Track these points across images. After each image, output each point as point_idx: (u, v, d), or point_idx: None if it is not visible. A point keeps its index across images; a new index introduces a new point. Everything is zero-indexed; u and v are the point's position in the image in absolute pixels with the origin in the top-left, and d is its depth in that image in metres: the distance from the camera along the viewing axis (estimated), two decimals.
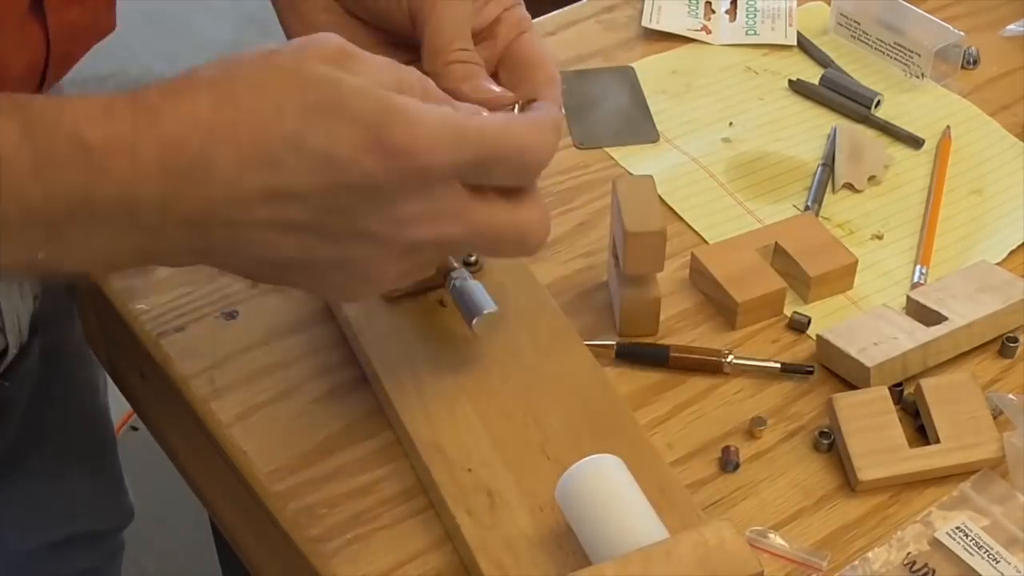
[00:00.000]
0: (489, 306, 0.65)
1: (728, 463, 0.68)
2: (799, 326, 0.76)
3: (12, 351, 0.81)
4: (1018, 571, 0.63)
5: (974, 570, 0.63)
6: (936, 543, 0.65)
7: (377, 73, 0.52)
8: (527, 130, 0.56)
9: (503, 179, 0.56)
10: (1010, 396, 0.70)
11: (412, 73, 0.55)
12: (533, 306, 0.73)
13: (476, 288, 0.66)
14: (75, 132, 0.48)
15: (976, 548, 0.64)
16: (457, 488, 0.63)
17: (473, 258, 0.72)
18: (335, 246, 0.53)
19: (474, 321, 0.65)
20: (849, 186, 0.87)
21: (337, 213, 0.52)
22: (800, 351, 0.75)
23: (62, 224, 0.49)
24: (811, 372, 0.73)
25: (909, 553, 0.65)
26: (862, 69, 0.97)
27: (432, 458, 0.65)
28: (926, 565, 0.64)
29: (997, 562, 0.63)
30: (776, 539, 0.65)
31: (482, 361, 0.69)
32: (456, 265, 0.68)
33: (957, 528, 0.65)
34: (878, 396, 0.70)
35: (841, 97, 0.94)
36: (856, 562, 0.64)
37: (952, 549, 0.64)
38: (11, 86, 0.64)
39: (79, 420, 1.00)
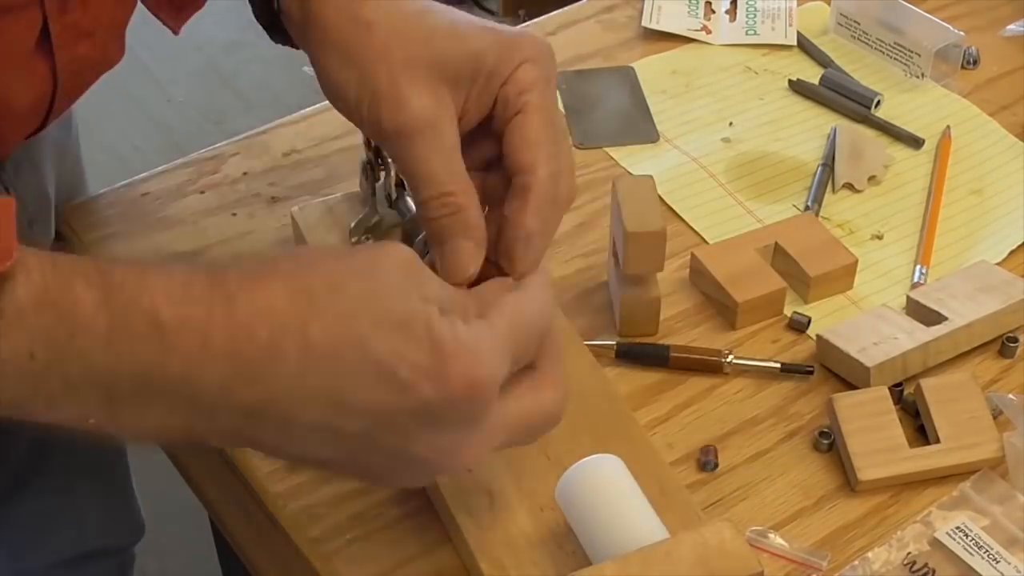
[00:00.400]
0: None
1: (707, 463, 0.68)
2: (799, 326, 0.76)
3: None
4: (1018, 571, 0.63)
5: (974, 570, 0.63)
6: (936, 543, 0.65)
7: (440, 291, 0.53)
8: (539, 299, 0.56)
9: (530, 355, 0.56)
10: (1010, 396, 0.70)
11: (465, 300, 0.55)
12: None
13: None
14: (152, 309, 0.48)
15: (976, 548, 0.64)
16: (457, 488, 0.63)
17: None
18: (380, 458, 0.53)
19: None
20: (849, 186, 0.87)
21: (389, 433, 0.52)
22: (800, 351, 0.75)
23: (121, 395, 0.49)
24: (811, 372, 0.73)
25: (909, 553, 0.65)
26: (862, 69, 0.97)
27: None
28: (926, 565, 0.64)
29: (997, 562, 0.63)
30: (776, 539, 0.65)
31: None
32: None
33: (957, 528, 0.65)
34: (878, 396, 0.70)
35: (841, 97, 0.94)
36: (856, 562, 0.64)
37: (952, 549, 0.64)
38: (17, 119, 0.64)
39: (88, 435, 1.00)
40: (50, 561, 0.99)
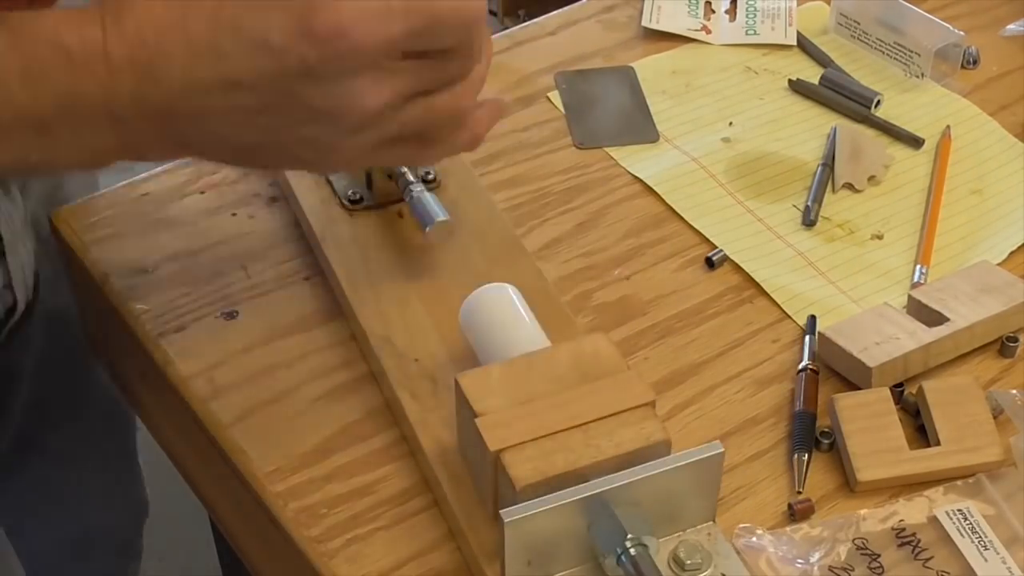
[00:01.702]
0: (442, 215, 0.72)
1: None
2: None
3: (20, 307, 0.81)
4: (1004, 562, 0.63)
5: (960, 552, 0.63)
6: (933, 520, 0.65)
7: None
8: None
9: (443, 42, 0.57)
10: (1013, 392, 0.70)
11: None
12: (484, 220, 0.78)
13: (431, 199, 0.74)
14: (55, 38, 0.53)
15: (970, 532, 0.64)
16: (404, 375, 0.69)
17: (431, 175, 0.78)
18: (293, 126, 0.56)
19: (427, 228, 0.72)
20: (849, 186, 0.87)
21: (285, 96, 0.54)
22: (800, 351, 0.75)
23: (50, 124, 0.54)
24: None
25: (901, 520, 0.65)
26: (862, 69, 0.97)
27: (383, 349, 0.70)
28: (914, 535, 0.64)
29: (986, 549, 0.63)
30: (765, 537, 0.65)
31: (434, 268, 0.75)
32: (414, 179, 0.75)
33: (957, 510, 0.65)
34: (879, 397, 0.70)
35: (841, 97, 0.94)
36: (844, 518, 0.65)
37: (946, 528, 0.64)
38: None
39: (86, 398, 1.00)
40: (53, 538, 0.99)
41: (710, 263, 0.80)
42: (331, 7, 0.53)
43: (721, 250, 0.81)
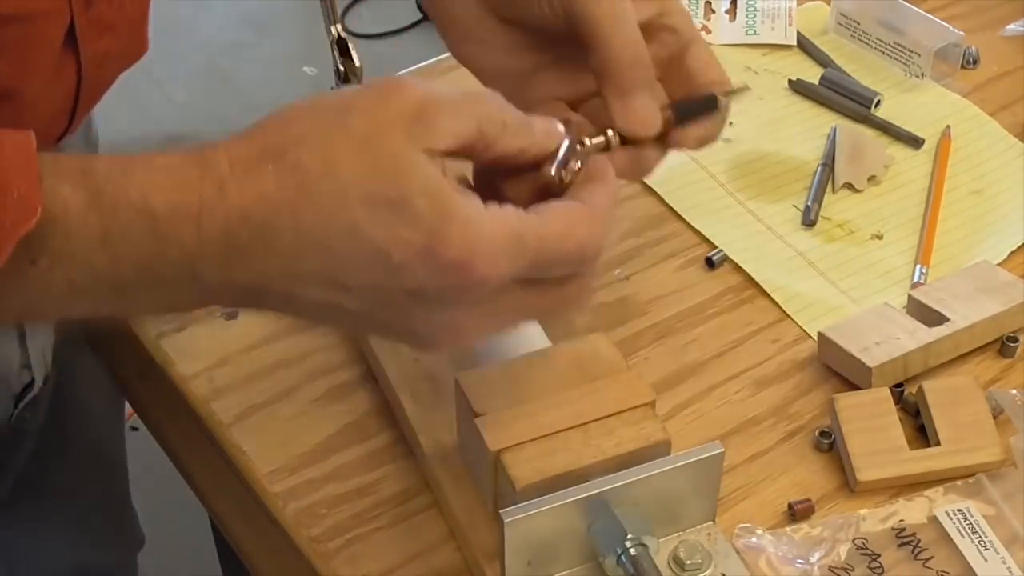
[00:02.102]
0: None
1: None
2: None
3: (38, 384, 0.81)
4: (1004, 562, 0.63)
5: (960, 552, 0.63)
6: (933, 520, 0.65)
7: (455, 125, 0.51)
8: (588, 229, 0.54)
9: (559, 274, 0.55)
10: (1013, 392, 0.70)
11: (492, 104, 0.53)
12: None
13: None
14: (142, 200, 0.49)
15: (970, 533, 0.64)
16: (404, 375, 0.68)
17: None
18: (386, 331, 0.55)
19: None
20: (849, 186, 0.87)
21: (390, 309, 0.52)
22: (800, 351, 0.75)
23: (127, 286, 0.50)
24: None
25: (901, 520, 0.65)
26: (862, 69, 0.97)
27: (383, 349, 0.70)
28: (914, 535, 0.64)
29: (986, 549, 0.63)
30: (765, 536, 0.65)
31: None
32: None
33: (958, 510, 0.65)
34: (879, 397, 0.70)
35: (841, 97, 0.94)
36: (843, 518, 0.65)
37: (946, 528, 0.64)
38: (47, 120, 0.64)
39: (90, 446, 1.00)
40: (47, 572, 0.99)
41: (710, 263, 0.80)
42: (464, 238, 0.49)
43: (721, 250, 0.81)
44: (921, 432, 0.70)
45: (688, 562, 0.60)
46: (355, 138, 0.50)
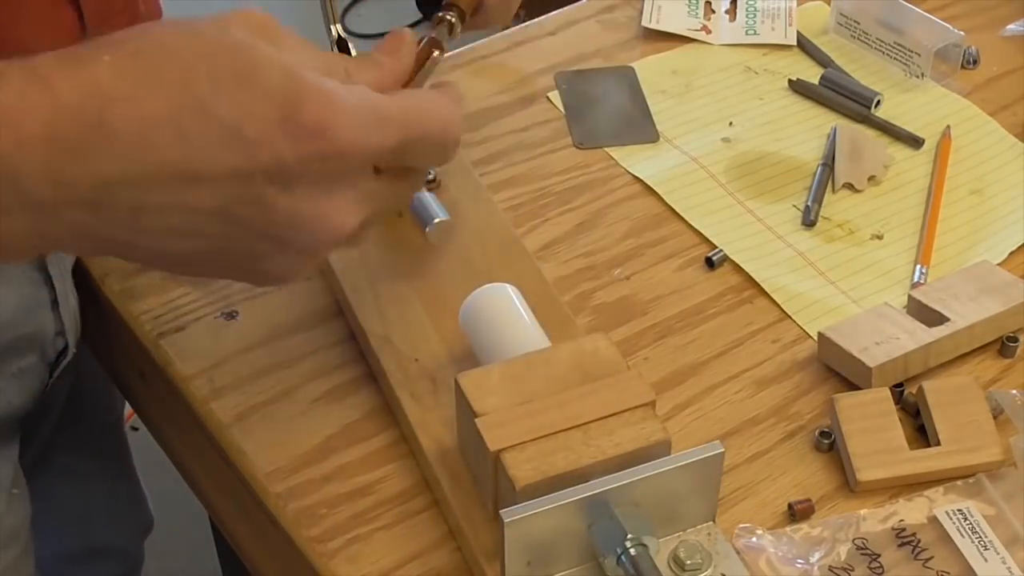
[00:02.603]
0: (442, 215, 0.73)
1: None
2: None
3: (71, 351, 0.80)
4: (1004, 562, 0.63)
5: (960, 553, 0.63)
6: (933, 520, 0.65)
7: (301, 52, 0.49)
8: (449, 108, 0.52)
9: (420, 160, 0.53)
10: (1013, 392, 0.70)
11: (338, 60, 0.52)
12: (484, 220, 0.78)
13: (431, 199, 0.74)
14: None
15: (970, 533, 0.64)
16: (404, 375, 0.69)
17: (431, 176, 0.78)
18: (246, 238, 0.50)
19: (427, 228, 0.73)
20: (849, 186, 0.87)
21: (246, 201, 0.48)
22: (800, 351, 0.75)
23: None
24: None
25: (901, 520, 0.65)
26: (862, 69, 0.97)
27: (382, 349, 0.70)
28: (914, 535, 0.64)
29: (986, 549, 0.63)
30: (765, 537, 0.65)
31: (435, 268, 0.75)
32: None
33: (958, 510, 0.65)
34: (879, 397, 0.70)
35: (841, 97, 0.94)
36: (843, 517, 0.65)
37: (946, 528, 0.64)
38: None
39: (104, 424, 1.00)
40: (56, 551, 0.99)
41: (710, 263, 0.80)
42: (321, 103, 0.47)
43: (721, 250, 0.81)
44: (921, 432, 0.70)
45: (688, 562, 0.60)
46: (199, 33, 0.47)
